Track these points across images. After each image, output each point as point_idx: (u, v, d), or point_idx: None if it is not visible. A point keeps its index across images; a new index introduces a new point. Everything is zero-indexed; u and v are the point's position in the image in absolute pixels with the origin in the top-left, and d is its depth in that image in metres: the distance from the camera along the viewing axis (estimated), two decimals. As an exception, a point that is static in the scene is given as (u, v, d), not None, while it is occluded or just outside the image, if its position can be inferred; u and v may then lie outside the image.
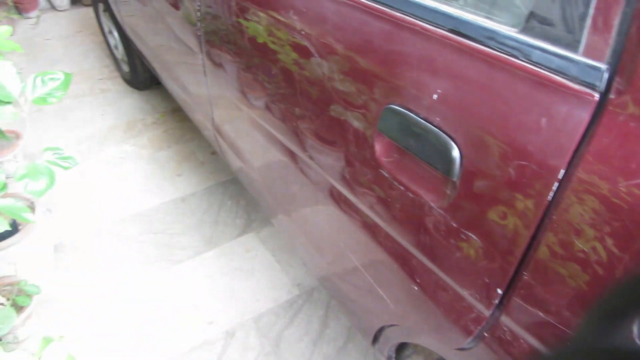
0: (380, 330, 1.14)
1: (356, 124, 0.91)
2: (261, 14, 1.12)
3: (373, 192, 0.93)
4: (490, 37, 0.67)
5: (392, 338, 1.12)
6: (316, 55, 0.96)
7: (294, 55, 1.03)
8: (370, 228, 0.99)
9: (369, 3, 0.86)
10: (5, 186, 1.22)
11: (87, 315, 1.74)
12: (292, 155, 1.20)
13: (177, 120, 2.77)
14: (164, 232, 2.07)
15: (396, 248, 0.91)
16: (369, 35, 0.86)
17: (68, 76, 1.33)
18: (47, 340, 0.68)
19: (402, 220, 0.88)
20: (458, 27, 0.71)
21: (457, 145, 0.71)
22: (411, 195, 0.82)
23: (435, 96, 0.74)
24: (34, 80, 1.28)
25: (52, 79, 1.30)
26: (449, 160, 0.72)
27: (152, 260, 1.94)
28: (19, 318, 1.59)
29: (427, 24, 0.76)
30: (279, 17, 1.06)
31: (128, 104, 2.92)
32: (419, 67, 0.77)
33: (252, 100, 1.29)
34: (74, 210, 2.16)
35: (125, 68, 3.01)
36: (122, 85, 3.10)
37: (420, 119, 0.76)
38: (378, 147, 0.87)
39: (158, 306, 1.78)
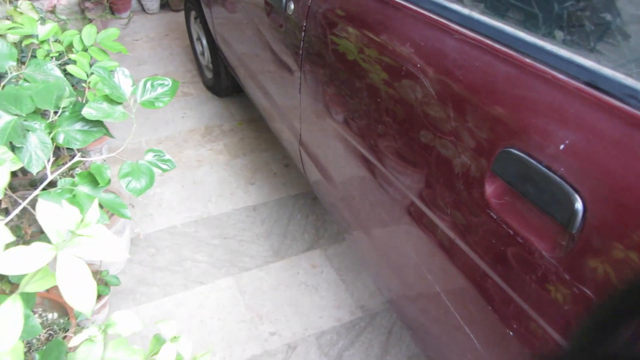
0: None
1: (467, 161, 0.92)
2: (375, 44, 1.15)
3: (473, 229, 0.93)
4: (630, 95, 0.67)
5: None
6: (431, 89, 0.98)
7: (405, 86, 1.05)
8: (464, 263, 0.99)
9: (497, 46, 0.87)
10: (109, 182, 1.29)
11: (153, 312, 1.80)
12: (382, 176, 1.22)
13: (254, 129, 2.85)
14: (234, 238, 2.13)
15: (493, 289, 0.91)
16: (493, 77, 0.87)
17: (175, 83, 1.40)
18: (159, 341, 0.72)
19: (505, 262, 0.87)
20: (595, 81, 0.72)
21: (581, 198, 0.71)
22: (520, 240, 0.82)
23: (562, 146, 0.74)
24: (144, 84, 1.36)
25: (160, 84, 1.37)
26: (571, 212, 0.72)
27: (221, 265, 2.00)
28: (97, 306, 1.67)
29: (560, 74, 0.76)
30: (392, 47, 1.09)
31: (208, 109, 3.02)
32: (546, 114, 0.77)
33: (347, 119, 1.32)
34: (151, 207, 2.26)
35: (209, 74, 3.12)
36: (203, 91, 3.21)
37: (542, 167, 0.76)
38: (489, 188, 0.87)
39: (223, 310, 1.82)
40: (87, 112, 1.23)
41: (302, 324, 1.80)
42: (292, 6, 1.54)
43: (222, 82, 2.95)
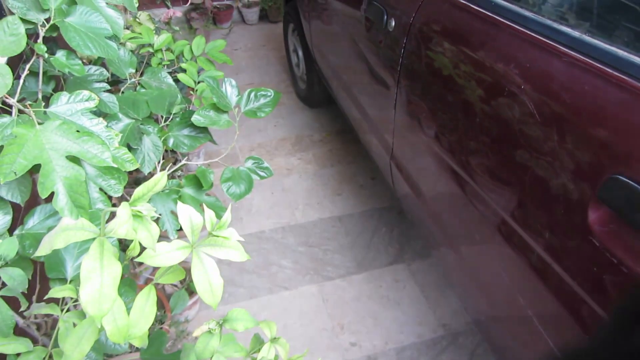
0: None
1: (570, 185, 0.89)
2: (477, 64, 1.14)
3: (572, 255, 0.90)
4: None
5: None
6: (534, 110, 0.96)
7: (508, 107, 1.04)
8: (557, 285, 0.95)
9: (608, 70, 0.85)
10: (212, 185, 1.37)
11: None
12: (476, 195, 1.20)
13: (342, 141, 2.90)
14: (319, 246, 2.17)
15: (588, 314, 0.88)
16: (604, 101, 0.84)
17: (277, 95, 1.46)
18: (259, 341, 0.76)
19: (603, 289, 0.84)
20: None
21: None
22: (625, 270, 0.79)
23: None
24: (249, 94, 1.43)
25: (263, 95, 1.44)
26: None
27: (305, 272, 2.05)
28: (189, 302, 1.77)
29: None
30: (496, 68, 1.08)
31: (299, 119, 3.11)
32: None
33: (445, 138, 1.32)
34: (242, 211, 2.35)
35: (302, 85, 3.21)
36: (295, 101, 3.31)
37: (655, 197, 0.73)
38: (593, 214, 0.85)
39: (306, 317, 1.86)
40: (196, 119, 1.31)
41: (383, 337, 1.80)
42: (393, 23, 1.56)
43: (314, 93, 3.03)
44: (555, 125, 0.92)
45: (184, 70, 1.80)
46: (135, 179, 2.25)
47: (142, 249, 0.52)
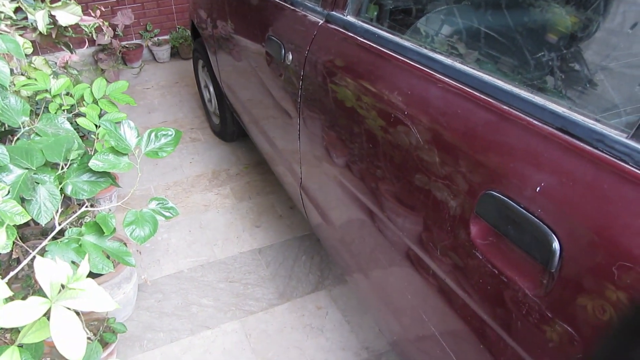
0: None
1: (452, 203, 0.95)
2: (367, 92, 1.20)
3: (462, 270, 0.96)
4: (599, 139, 0.71)
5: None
6: (417, 135, 1.02)
7: (394, 132, 1.10)
8: (454, 301, 1.01)
9: (477, 94, 0.92)
10: (114, 231, 1.33)
11: (159, 358, 1.82)
12: (377, 219, 1.25)
13: (260, 172, 2.91)
14: (239, 281, 2.15)
15: (482, 326, 0.93)
16: (474, 123, 0.91)
17: (178, 133, 1.45)
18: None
19: (491, 300, 0.90)
20: (566, 127, 0.76)
21: (557, 238, 0.74)
22: (505, 279, 0.85)
23: (538, 189, 0.77)
24: (149, 135, 1.41)
25: (164, 134, 1.43)
26: (549, 251, 0.75)
27: (227, 309, 2.02)
28: (104, 354, 1.69)
29: (534, 119, 0.80)
30: (383, 95, 1.14)
31: (215, 154, 3.10)
32: (522, 159, 0.81)
33: (344, 164, 1.37)
34: (158, 252, 2.30)
35: (216, 120, 3.21)
36: (210, 136, 3.29)
37: (520, 209, 0.80)
38: (473, 229, 0.91)
39: (229, 355, 1.83)
40: (94, 164, 1.28)
41: (308, 366, 1.80)
42: (291, 57, 1.61)
43: (228, 127, 3.04)
44: (436, 148, 0.98)
45: (85, 115, 1.76)
46: (42, 229, 2.15)
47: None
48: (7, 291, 0.47)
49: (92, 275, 1.85)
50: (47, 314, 0.48)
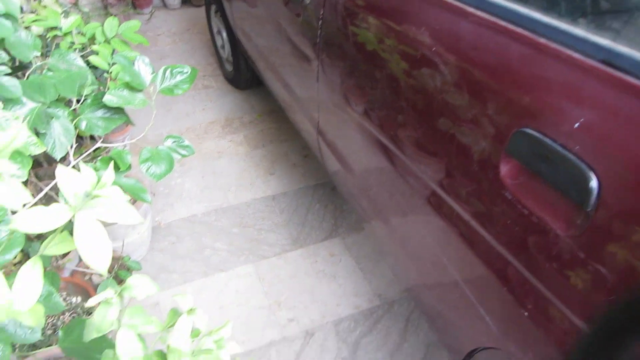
0: (473, 352, 1.13)
1: (481, 143, 0.92)
2: (390, 28, 1.15)
3: (489, 211, 0.93)
4: (645, 71, 0.67)
5: (487, 361, 1.12)
6: (446, 72, 0.98)
7: (420, 70, 1.05)
8: (479, 245, 0.99)
9: (510, 27, 0.87)
10: (130, 167, 1.32)
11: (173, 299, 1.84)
12: (398, 162, 1.22)
13: (274, 121, 2.87)
14: (253, 226, 2.15)
15: (508, 269, 0.91)
16: (507, 59, 0.87)
17: (194, 71, 1.42)
18: (176, 314, 0.74)
19: (519, 242, 0.87)
20: (610, 59, 0.71)
21: (596, 177, 0.71)
22: (535, 220, 0.82)
23: (577, 125, 0.74)
24: (164, 72, 1.38)
25: (180, 72, 1.39)
26: (586, 190, 0.72)
27: (240, 253, 2.03)
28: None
29: (575, 52, 0.76)
30: (408, 32, 1.09)
31: (228, 101, 3.05)
32: (561, 94, 0.77)
33: (365, 108, 1.33)
34: (172, 196, 2.29)
35: (229, 67, 3.15)
36: (223, 84, 3.24)
37: (557, 146, 0.76)
38: (504, 169, 0.87)
39: (242, 297, 1.85)
40: (108, 99, 1.25)
41: (320, 311, 1.81)
42: (310, -5, 1.55)
43: (242, 74, 2.98)
44: (465, 85, 0.94)
45: (97, 53, 1.72)
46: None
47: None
48: (27, 196, 0.46)
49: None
50: (69, 228, 0.47)
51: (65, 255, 1.75)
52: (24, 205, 0.46)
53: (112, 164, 1.10)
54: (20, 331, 0.76)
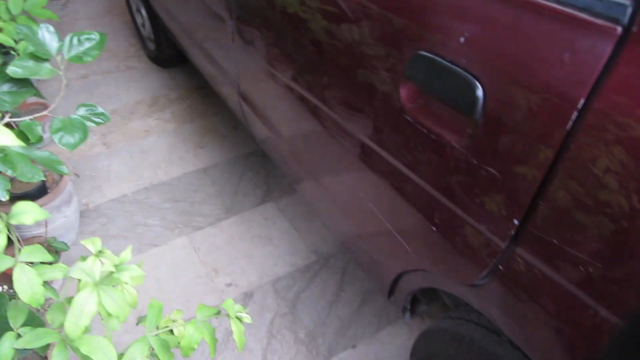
0: (398, 278, 1.18)
1: (384, 73, 0.95)
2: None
3: (397, 139, 0.97)
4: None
5: (409, 286, 1.17)
6: (346, 10, 1.00)
7: (320, 10, 1.07)
8: (392, 175, 1.03)
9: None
10: (41, 139, 1.27)
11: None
12: (317, 112, 1.24)
13: (201, 96, 2.83)
14: (185, 200, 2.13)
15: (417, 192, 0.96)
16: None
17: (103, 36, 1.37)
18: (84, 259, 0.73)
19: (424, 163, 0.92)
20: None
21: (481, 85, 0.75)
22: (434, 137, 0.86)
23: (462, 39, 0.77)
24: (71, 39, 1.33)
25: (87, 38, 1.34)
26: (473, 99, 0.76)
27: (174, 227, 2.01)
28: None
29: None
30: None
31: (153, 80, 2.98)
32: (447, 13, 0.81)
33: (279, 61, 1.34)
34: (99, 179, 2.23)
35: (151, 46, 3.07)
36: (147, 63, 3.16)
37: (446, 62, 0.80)
38: (404, 94, 0.91)
39: (178, 268, 1.84)
40: (13, 70, 1.20)
41: (258, 272, 1.83)
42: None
43: (164, 52, 2.91)
44: (365, 21, 0.97)
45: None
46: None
47: None
48: None
49: (28, 197, 1.79)
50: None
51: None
52: None
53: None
54: None
